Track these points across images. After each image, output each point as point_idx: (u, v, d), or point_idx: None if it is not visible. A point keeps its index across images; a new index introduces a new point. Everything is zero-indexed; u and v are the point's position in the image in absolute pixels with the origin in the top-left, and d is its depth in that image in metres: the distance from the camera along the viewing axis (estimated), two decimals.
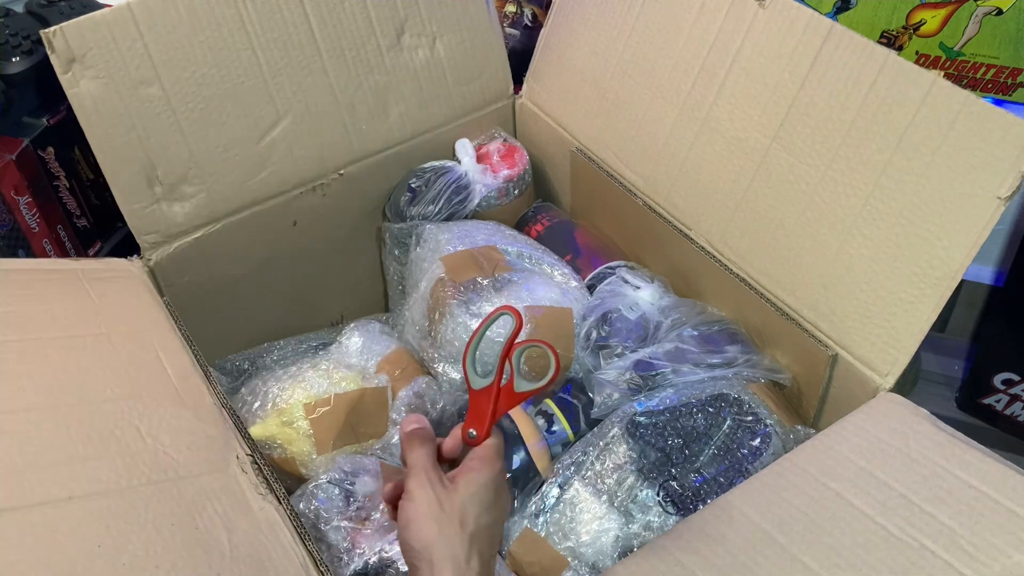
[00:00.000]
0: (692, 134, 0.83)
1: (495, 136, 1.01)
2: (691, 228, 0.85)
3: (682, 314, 0.83)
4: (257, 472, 0.64)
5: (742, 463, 0.71)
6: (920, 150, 0.67)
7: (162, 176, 0.80)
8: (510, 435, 0.73)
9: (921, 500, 0.57)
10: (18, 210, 0.88)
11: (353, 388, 0.78)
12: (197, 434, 0.65)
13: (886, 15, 0.98)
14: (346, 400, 0.77)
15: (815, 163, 0.74)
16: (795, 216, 0.76)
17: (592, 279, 0.91)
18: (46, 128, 0.90)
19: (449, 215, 0.95)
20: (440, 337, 0.82)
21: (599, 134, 0.94)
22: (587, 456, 0.72)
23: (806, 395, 0.80)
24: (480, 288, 0.83)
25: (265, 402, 0.77)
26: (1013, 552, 0.53)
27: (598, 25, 0.92)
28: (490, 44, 0.97)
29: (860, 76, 0.70)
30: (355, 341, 0.85)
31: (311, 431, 0.75)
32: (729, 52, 0.79)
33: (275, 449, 0.75)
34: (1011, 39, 0.94)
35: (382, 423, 0.78)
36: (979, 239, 0.64)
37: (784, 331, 0.78)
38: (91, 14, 0.72)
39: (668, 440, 0.72)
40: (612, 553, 0.67)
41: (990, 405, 1.02)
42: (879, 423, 0.64)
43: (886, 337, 0.70)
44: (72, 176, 0.95)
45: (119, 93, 0.76)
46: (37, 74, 0.87)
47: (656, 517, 0.68)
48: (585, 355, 0.83)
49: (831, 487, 0.59)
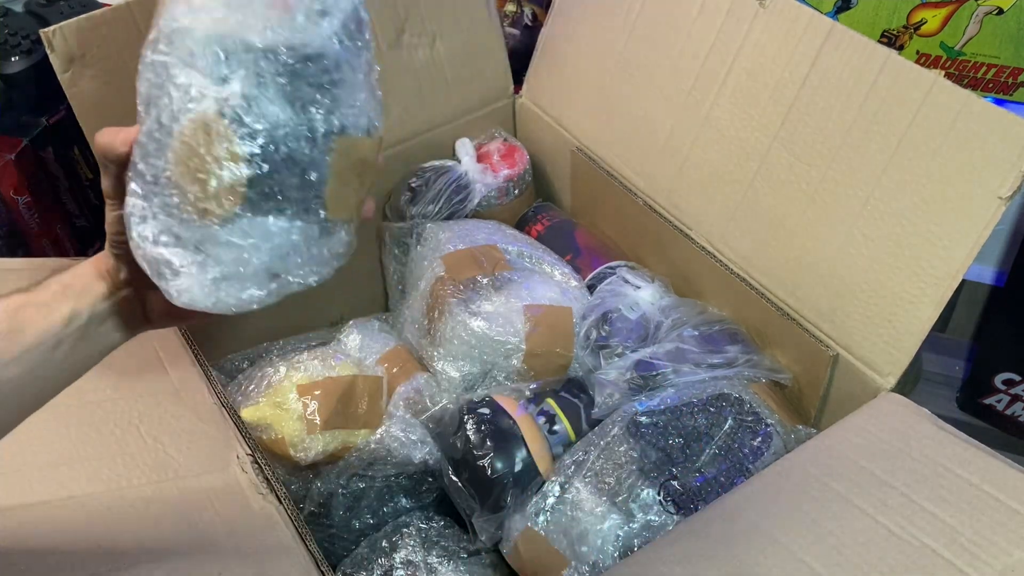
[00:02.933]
0: (692, 134, 0.83)
1: (495, 136, 1.01)
2: (691, 228, 0.85)
3: (682, 314, 0.83)
4: (257, 472, 0.64)
5: (743, 463, 0.71)
6: (921, 150, 0.67)
7: None
8: (511, 436, 0.73)
9: (922, 499, 0.57)
10: (17, 210, 0.87)
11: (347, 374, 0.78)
12: (197, 434, 0.65)
13: (887, 14, 0.98)
14: (339, 383, 0.77)
15: (816, 163, 0.74)
16: (796, 216, 0.76)
17: (592, 279, 0.91)
18: (45, 128, 0.90)
19: (449, 215, 0.95)
20: (439, 335, 0.81)
21: (599, 134, 0.94)
22: (588, 456, 0.72)
23: (807, 395, 0.80)
24: (480, 287, 0.83)
25: (260, 385, 0.77)
26: (1014, 550, 0.52)
27: (598, 25, 0.92)
28: (490, 44, 0.97)
29: (861, 76, 0.70)
30: (354, 338, 0.84)
31: (302, 411, 0.74)
32: (729, 52, 0.79)
33: (266, 431, 0.74)
34: (1012, 38, 0.94)
35: (376, 414, 0.78)
36: (980, 239, 0.64)
37: (785, 331, 0.78)
38: (91, 14, 0.72)
39: (669, 440, 0.72)
40: (612, 553, 0.67)
41: (991, 405, 1.02)
42: (880, 423, 0.64)
43: (887, 337, 0.70)
44: (71, 176, 0.95)
45: (119, 93, 0.76)
46: (36, 74, 0.87)
47: (657, 517, 0.68)
48: (585, 355, 0.83)
49: (832, 487, 0.59)
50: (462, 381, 0.81)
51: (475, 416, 0.74)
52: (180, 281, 0.43)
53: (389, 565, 0.72)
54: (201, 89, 0.42)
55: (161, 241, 0.43)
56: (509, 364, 0.81)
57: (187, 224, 0.42)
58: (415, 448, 0.75)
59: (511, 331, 0.80)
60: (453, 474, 0.73)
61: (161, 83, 0.43)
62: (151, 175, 0.43)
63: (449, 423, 0.76)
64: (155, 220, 0.43)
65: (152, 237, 0.43)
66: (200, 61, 0.42)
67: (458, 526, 0.77)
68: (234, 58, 0.42)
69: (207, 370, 0.70)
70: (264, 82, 0.42)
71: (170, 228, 0.43)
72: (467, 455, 0.73)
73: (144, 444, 0.63)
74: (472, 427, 0.74)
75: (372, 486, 0.76)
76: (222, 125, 0.41)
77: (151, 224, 0.43)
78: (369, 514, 0.77)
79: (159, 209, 0.43)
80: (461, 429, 0.74)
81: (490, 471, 0.71)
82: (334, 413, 0.75)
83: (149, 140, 0.43)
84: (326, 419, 0.75)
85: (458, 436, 0.74)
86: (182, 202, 0.42)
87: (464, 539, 0.75)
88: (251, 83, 0.42)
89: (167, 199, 0.42)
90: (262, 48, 0.42)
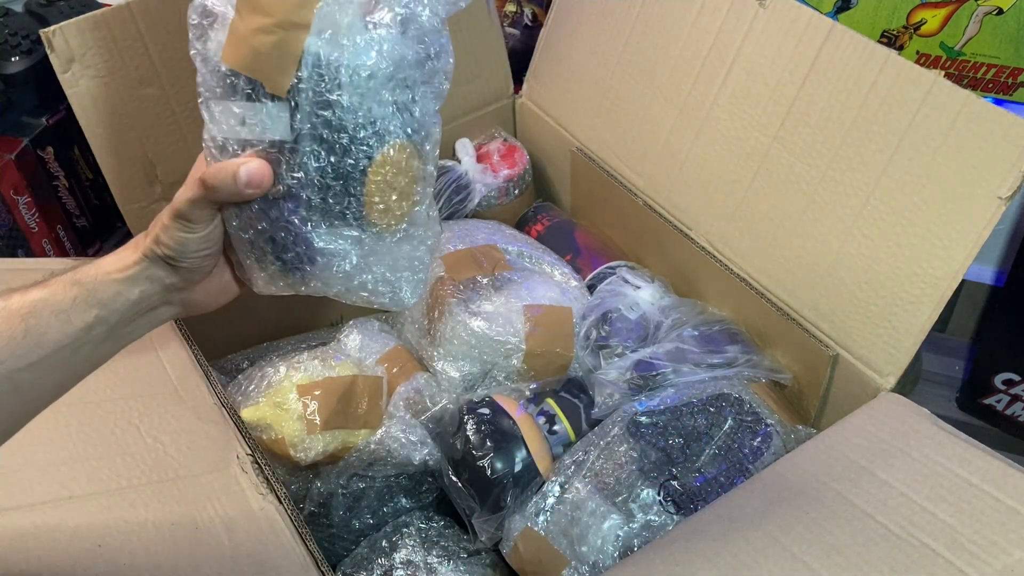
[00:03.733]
0: (692, 134, 0.83)
1: (495, 136, 1.01)
2: (691, 228, 0.85)
3: (682, 314, 0.83)
4: (257, 472, 0.64)
5: (743, 463, 0.71)
6: (921, 150, 0.67)
7: (162, 176, 0.80)
8: (511, 436, 0.73)
9: (922, 499, 0.57)
10: (17, 210, 0.88)
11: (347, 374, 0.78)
12: (197, 434, 0.65)
13: (886, 15, 0.98)
14: (339, 383, 0.77)
15: (815, 163, 0.74)
16: (796, 216, 0.76)
17: (592, 279, 0.91)
18: (45, 128, 0.90)
19: (449, 215, 0.95)
20: (439, 335, 0.81)
21: (599, 134, 0.94)
22: (588, 456, 0.72)
23: (807, 395, 0.80)
24: (480, 287, 0.83)
25: (260, 385, 0.77)
26: (1014, 550, 0.52)
27: (598, 25, 0.92)
28: (490, 44, 0.97)
29: (860, 76, 0.70)
30: (354, 338, 0.84)
31: (302, 411, 0.74)
32: (729, 52, 0.79)
33: (266, 431, 0.74)
34: (1012, 39, 0.94)
35: (376, 415, 0.78)
36: (980, 239, 0.64)
37: (785, 331, 0.78)
38: (91, 14, 0.72)
39: (669, 440, 0.72)
40: (612, 553, 0.67)
41: (991, 405, 1.02)
42: (880, 423, 0.64)
43: (887, 337, 0.70)
44: (71, 176, 0.95)
45: (119, 93, 0.76)
46: (36, 74, 0.87)
47: (657, 517, 0.68)
48: (585, 355, 0.83)
49: (832, 486, 0.59)
50: (462, 381, 0.81)
51: (475, 416, 0.74)
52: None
53: (389, 565, 0.72)
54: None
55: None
56: (509, 364, 0.81)
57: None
58: (415, 448, 0.75)
59: (511, 331, 0.80)
60: (453, 474, 0.73)
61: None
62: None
63: (449, 423, 0.76)
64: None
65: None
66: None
67: (458, 526, 0.77)
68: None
69: (207, 370, 0.70)
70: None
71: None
72: (467, 455, 0.73)
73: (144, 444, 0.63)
74: (472, 427, 0.74)
75: (372, 486, 0.76)
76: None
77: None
78: (369, 514, 0.77)
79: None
80: (461, 429, 0.74)
81: (490, 471, 0.71)
82: (334, 413, 0.75)
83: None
84: (326, 419, 0.75)
85: (458, 436, 0.74)
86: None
87: (464, 539, 0.75)
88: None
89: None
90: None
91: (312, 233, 0.46)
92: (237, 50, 0.43)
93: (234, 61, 0.43)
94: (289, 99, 0.43)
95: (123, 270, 0.46)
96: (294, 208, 0.45)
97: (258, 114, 0.43)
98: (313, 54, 0.42)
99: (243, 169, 0.44)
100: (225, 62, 0.43)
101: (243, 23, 0.42)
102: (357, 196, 0.46)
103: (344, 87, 0.43)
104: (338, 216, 0.46)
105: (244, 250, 0.48)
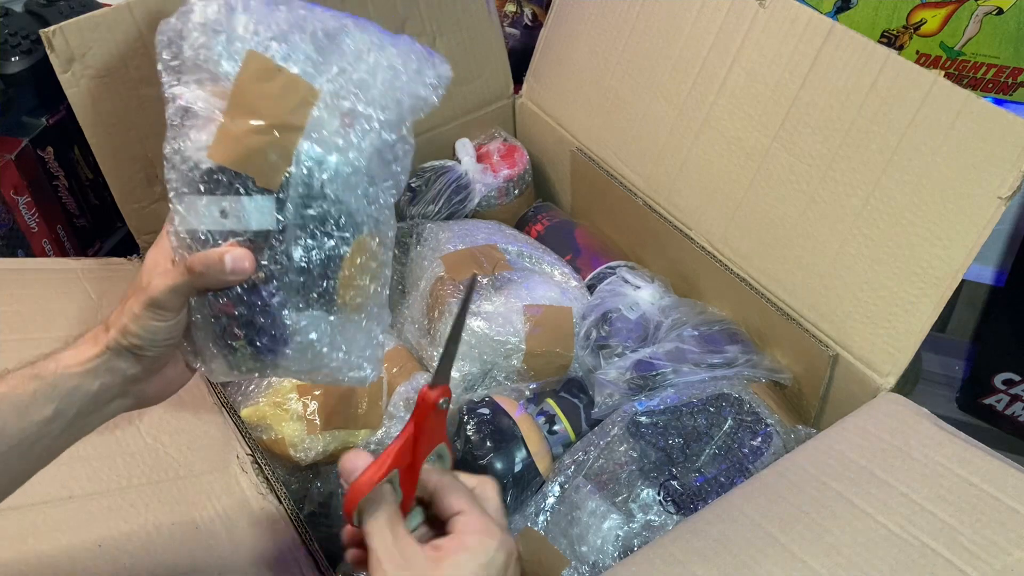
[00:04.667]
0: (692, 134, 0.83)
1: (495, 136, 1.01)
2: (691, 228, 0.85)
3: (682, 314, 0.83)
4: (257, 472, 0.64)
5: (743, 463, 0.71)
6: (920, 150, 0.67)
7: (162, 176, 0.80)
8: (511, 436, 0.73)
9: (922, 499, 0.57)
10: (17, 210, 0.87)
11: None
12: (197, 434, 0.65)
13: (886, 15, 0.98)
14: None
15: (815, 163, 0.74)
16: (795, 216, 0.76)
17: (592, 279, 0.91)
18: (45, 128, 0.90)
19: (449, 215, 0.95)
20: (439, 335, 0.81)
21: (599, 134, 0.94)
22: (588, 456, 0.72)
23: (807, 395, 0.80)
24: (480, 287, 0.83)
25: (260, 385, 0.77)
26: (1014, 549, 0.52)
27: (598, 25, 0.92)
28: (490, 44, 0.97)
29: (860, 76, 0.70)
30: None
31: (302, 411, 0.75)
32: (729, 52, 0.79)
33: (266, 431, 0.74)
34: (1012, 38, 0.94)
35: (376, 415, 0.78)
36: (980, 239, 0.64)
37: (784, 331, 0.78)
38: (91, 14, 0.72)
39: (669, 440, 0.72)
40: (612, 553, 0.67)
41: (991, 405, 1.02)
42: (880, 423, 0.64)
43: (886, 337, 0.70)
44: (71, 176, 0.95)
45: (119, 93, 0.76)
46: (36, 74, 0.87)
47: (657, 517, 0.68)
48: (585, 355, 0.83)
49: (832, 486, 0.59)
50: (462, 381, 0.81)
51: (475, 416, 0.74)
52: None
53: None
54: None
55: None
56: (509, 364, 0.81)
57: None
58: None
59: (511, 331, 0.80)
60: None
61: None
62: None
63: (449, 424, 0.76)
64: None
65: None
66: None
67: None
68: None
69: None
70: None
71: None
72: (467, 455, 0.73)
73: (144, 444, 0.63)
74: (472, 427, 0.74)
75: None
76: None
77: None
78: None
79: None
80: (461, 429, 0.74)
81: (490, 471, 0.71)
82: (334, 413, 0.75)
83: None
84: (326, 419, 0.75)
85: (458, 437, 0.74)
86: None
87: None
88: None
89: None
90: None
91: (288, 317, 0.48)
92: (228, 148, 0.45)
93: (223, 158, 0.46)
94: (277, 193, 0.46)
95: (84, 363, 0.46)
96: (273, 292, 0.47)
97: (244, 207, 0.46)
98: (304, 152, 0.46)
99: (228, 256, 0.45)
100: (213, 160, 0.46)
101: (234, 124, 0.45)
102: (333, 279, 0.49)
103: (329, 182, 0.47)
104: (314, 299, 0.49)
105: (208, 337, 0.49)
